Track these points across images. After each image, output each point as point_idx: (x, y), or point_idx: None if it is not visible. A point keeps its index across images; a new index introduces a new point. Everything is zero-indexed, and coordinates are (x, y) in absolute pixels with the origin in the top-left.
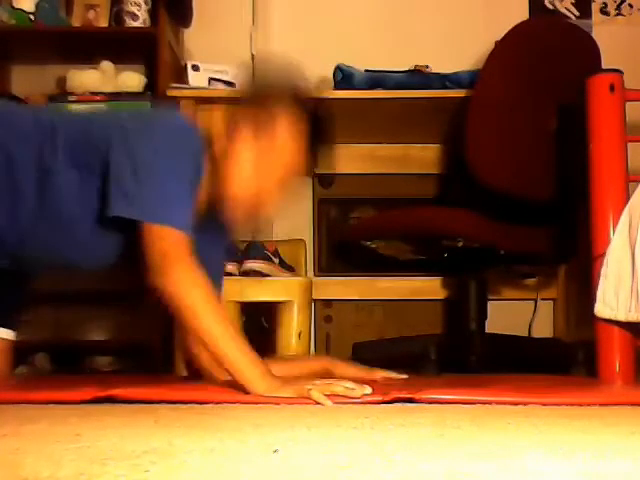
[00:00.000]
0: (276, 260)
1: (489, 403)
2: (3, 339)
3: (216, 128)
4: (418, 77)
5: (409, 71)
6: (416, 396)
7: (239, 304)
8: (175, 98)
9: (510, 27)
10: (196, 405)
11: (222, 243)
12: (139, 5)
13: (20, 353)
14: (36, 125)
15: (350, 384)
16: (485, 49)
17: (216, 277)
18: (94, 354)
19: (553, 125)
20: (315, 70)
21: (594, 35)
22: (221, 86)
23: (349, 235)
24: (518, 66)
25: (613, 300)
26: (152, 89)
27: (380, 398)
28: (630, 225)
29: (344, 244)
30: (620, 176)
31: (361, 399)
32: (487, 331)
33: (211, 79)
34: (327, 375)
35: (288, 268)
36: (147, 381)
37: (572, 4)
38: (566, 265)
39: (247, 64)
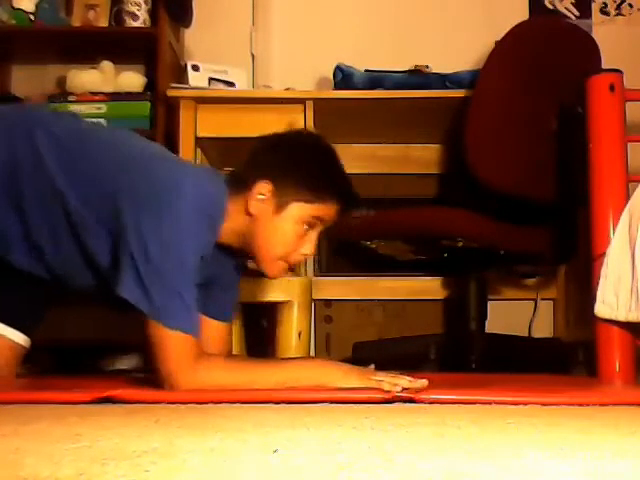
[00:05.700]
0: None
1: (489, 403)
2: (18, 344)
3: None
4: (418, 77)
5: (409, 71)
6: (416, 396)
7: (239, 304)
8: (175, 98)
9: (510, 27)
10: (196, 405)
11: (237, 271)
12: (139, 5)
13: None
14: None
15: (410, 377)
16: (485, 49)
17: (228, 307)
18: (96, 354)
19: (553, 125)
20: (315, 70)
21: (594, 35)
22: (221, 86)
23: (349, 235)
24: (518, 66)
25: (613, 300)
26: (152, 89)
27: (381, 397)
28: (630, 225)
29: (344, 244)
30: (620, 176)
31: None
32: (487, 331)
33: (211, 79)
34: None
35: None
36: (147, 381)
37: (572, 4)
38: (566, 265)
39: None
